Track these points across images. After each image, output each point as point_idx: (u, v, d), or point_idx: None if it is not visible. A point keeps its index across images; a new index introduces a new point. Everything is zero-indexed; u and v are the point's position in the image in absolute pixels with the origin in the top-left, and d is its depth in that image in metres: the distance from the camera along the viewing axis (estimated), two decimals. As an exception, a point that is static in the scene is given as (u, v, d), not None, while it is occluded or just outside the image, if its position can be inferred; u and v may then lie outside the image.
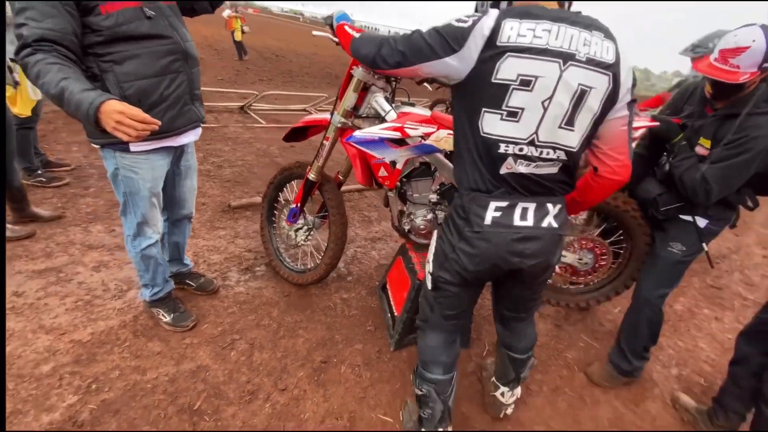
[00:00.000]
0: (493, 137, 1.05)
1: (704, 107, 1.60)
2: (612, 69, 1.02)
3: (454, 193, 1.34)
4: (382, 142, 1.66)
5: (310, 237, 2.20)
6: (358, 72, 1.71)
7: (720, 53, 1.42)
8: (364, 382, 1.76)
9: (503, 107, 1.02)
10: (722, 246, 3.94)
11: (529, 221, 1.11)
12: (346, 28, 1.39)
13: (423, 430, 1.44)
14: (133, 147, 1.49)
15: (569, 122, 1.04)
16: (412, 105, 1.80)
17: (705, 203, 1.52)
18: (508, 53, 0.97)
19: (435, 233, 1.31)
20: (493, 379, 1.67)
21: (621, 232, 2.02)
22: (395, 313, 1.98)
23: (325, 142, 1.90)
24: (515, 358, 1.53)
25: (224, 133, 4.89)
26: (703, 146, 1.55)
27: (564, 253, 1.87)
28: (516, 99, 1.01)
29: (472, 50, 1.00)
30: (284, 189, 2.34)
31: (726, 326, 2.63)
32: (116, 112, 1.13)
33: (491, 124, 1.04)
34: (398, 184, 1.81)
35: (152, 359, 1.72)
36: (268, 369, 1.76)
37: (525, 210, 1.11)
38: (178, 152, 1.72)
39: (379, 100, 1.75)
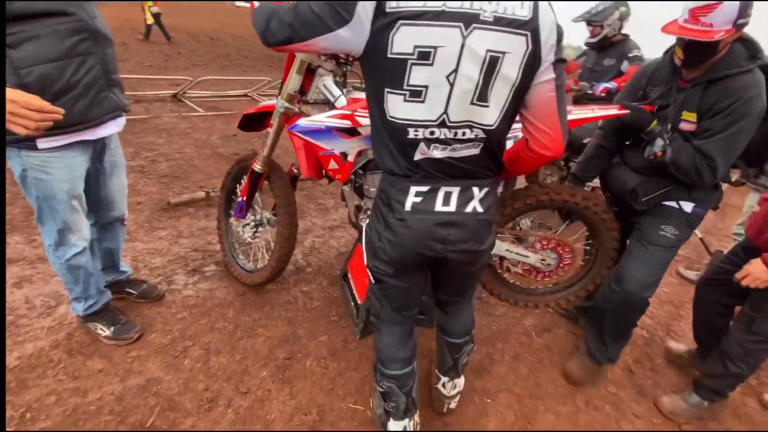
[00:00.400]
0: (399, 121, 0.94)
1: (677, 81, 1.48)
2: (529, 26, 0.87)
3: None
4: (329, 131, 1.54)
5: (258, 234, 2.08)
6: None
7: (690, 13, 1.30)
8: (331, 373, 1.72)
9: (404, 86, 0.89)
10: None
11: (452, 206, 1.03)
12: None
13: (390, 429, 1.40)
14: (40, 143, 1.29)
15: (482, 97, 0.92)
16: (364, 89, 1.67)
17: (711, 181, 1.42)
18: (400, 21, 0.84)
19: (365, 223, 1.23)
20: (435, 369, 1.60)
21: (586, 229, 1.85)
22: (358, 301, 1.94)
23: (269, 129, 1.77)
24: (451, 342, 1.48)
25: (157, 124, 4.49)
26: (688, 121, 1.44)
27: (526, 253, 1.76)
28: (417, 76, 0.88)
29: (363, 19, 0.86)
30: (242, 180, 2.19)
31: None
32: (8, 101, 0.96)
33: (395, 106, 0.93)
34: (352, 177, 1.70)
35: (93, 378, 1.55)
36: (228, 373, 1.66)
37: (448, 194, 1.02)
38: (99, 147, 1.52)
39: (327, 84, 1.62)
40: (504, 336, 2.11)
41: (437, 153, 0.97)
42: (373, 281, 1.23)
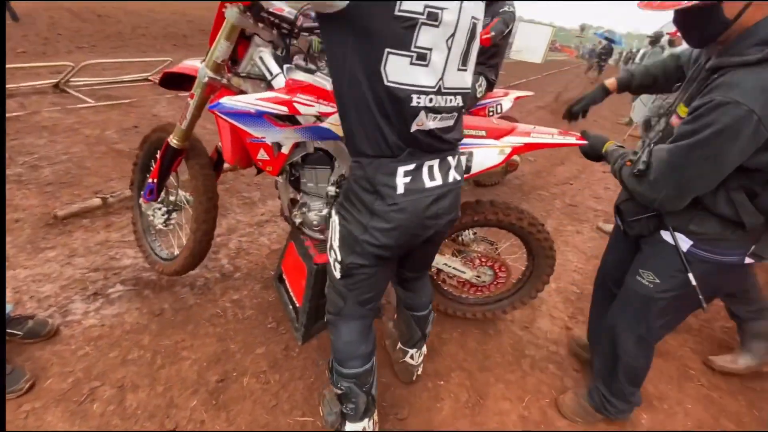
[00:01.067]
0: (403, 87, 0.86)
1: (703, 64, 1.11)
2: None
3: (351, 163, 1.02)
4: (260, 116, 1.29)
5: (171, 220, 1.81)
6: (232, 13, 1.29)
7: None
8: (274, 387, 1.57)
9: (412, 48, 0.83)
10: (573, 168, 4.60)
11: (438, 179, 1.01)
12: None
13: (347, 429, 1.32)
14: None
15: (464, 61, 0.94)
16: (311, 71, 1.38)
17: (644, 198, 1.11)
18: None
19: (334, 217, 1.10)
20: (399, 345, 1.63)
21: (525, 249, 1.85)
22: (297, 304, 1.78)
23: (189, 100, 1.49)
24: (419, 316, 1.51)
25: (36, 121, 3.77)
26: (678, 115, 1.13)
27: (462, 268, 1.77)
28: (424, 37, 0.83)
29: None
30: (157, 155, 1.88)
31: (585, 237, 3.09)
32: None
33: (399, 69, 0.84)
34: (287, 168, 1.49)
35: (-32, 453, 1.24)
36: (150, 410, 1.43)
37: (431, 168, 1.00)
38: None
39: (264, 57, 1.36)
40: (447, 313, 2.08)
41: (431, 123, 0.93)
42: (338, 277, 1.13)
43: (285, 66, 1.39)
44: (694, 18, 0.98)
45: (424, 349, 1.63)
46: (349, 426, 1.32)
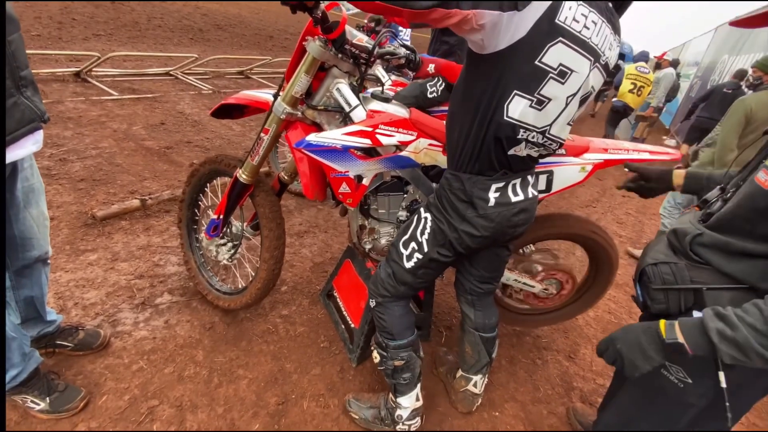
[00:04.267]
0: (515, 122, 1.00)
1: None
2: (609, 75, 1.08)
3: (446, 174, 1.18)
4: (345, 151, 1.30)
5: (235, 255, 1.77)
6: (314, 47, 1.28)
7: None
8: (334, 413, 1.54)
9: (535, 94, 0.96)
10: (592, 191, 4.63)
11: (520, 195, 1.16)
12: None
13: (404, 404, 1.42)
14: None
15: (572, 121, 1.09)
16: (387, 100, 1.40)
17: None
18: (560, 38, 0.89)
19: (425, 214, 1.23)
20: (461, 373, 1.61)
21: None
22: (352, 325, 1.75)
23: (263, 135, 1.45)
24: (487, 338, 1.51)
25: (59, 111, 3.68)
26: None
27: (532, 283, 1.80)
28: (549, 88, 0.96)
29: (528, 17, 0.86)
30: (206, 190, 1.85)
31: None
32: None
33: (518, 109, 0.98)
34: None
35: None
36: (211, 432, 1.39)
37: (515, 185, 1.15)
38: (9, 173, 1.11)
39: (342, 89, 1.36)
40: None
41: (524, 151, 1.08)
42: (409, 266, 1.25)
43: (361, 96, 1.39)
44: None
45: (487, 377, 1.62)
46: (402, 398, 1.42)
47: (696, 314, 0.86)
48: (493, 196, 1.11)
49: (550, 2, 0.87)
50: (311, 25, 1.25)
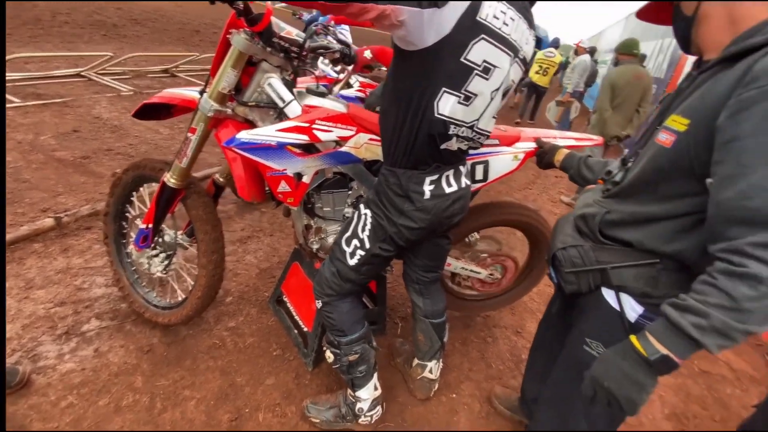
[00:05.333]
0: (445, 118, 1.03)
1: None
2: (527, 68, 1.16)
3: (383, 170, 1.19)
4: (281, 148, 1.24)
5: (171, 265, 1.64)
6: (239, 40, 1.20)
7: None
8: (292, 420, 1.50)
9: (462, 90, 0.99)
10: (528, 174, 4.91)
11: (454, 186, 1.20)
12: None
13: (363, 396, 1.43)
14: None
15: (496, 114, 1.15)
16: (323, 94, 1.35)
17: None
18: (483, 36, 0.93)
19: (365, 210, 1.23)
20: (417, 361, 1.65)
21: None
22: (305, 329, 1.71)
23: (190, 135, 1.34)
24: (437, 323, 1.56)
25: (-56, 123, 3.17)
26: (670, 129, 0.80)
27: (478, 269, 1.88)
28: (475, 84, 0.99)
29: (450, 15, 0.88)
30: (132, 198, 1.70)
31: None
32: None
33: (448, 105, 1.01)
34: (304, 197, 1.43)
35: None
36: (158, 462, 1.30)
37: (448, 177, 1.18)
38: None
39: (274, 84, 1.28)
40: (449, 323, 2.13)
41: (455, 145, 1.12)
42: (353, 263, 1.26)
43: (295, 91, 1.34)
44: (674, 22, 0.90)
45: (441, 361, 1.67)
46: (360, 391, 1.43)
47: (605, 293, 0.94)
48: (428, 188, 1.14)
49: (471, 0, 0.88)
50: (234, 18, 1.18)
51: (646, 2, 0.96)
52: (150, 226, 1.49)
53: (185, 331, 1.77)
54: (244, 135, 1.22)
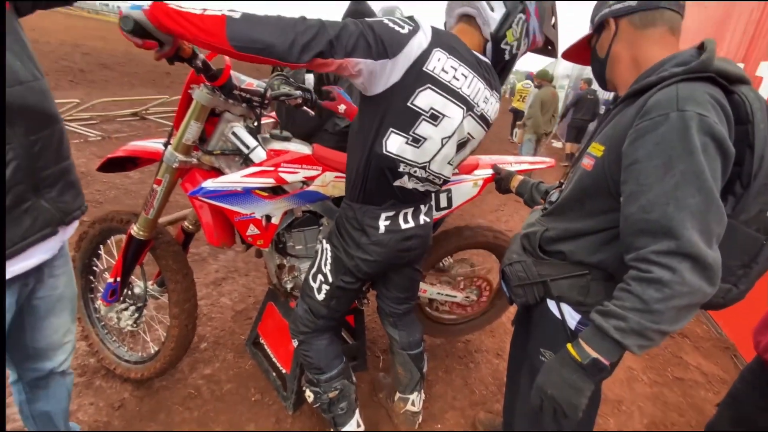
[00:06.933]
0: (394, 156, 1.08)
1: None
2: (490, 126, 1.20)
3: (342, 204, 1.25)
4: (248, 193, 1.27)
5: (141, 318, 1.60)
6: (201, 94, 1.24)
7: None
8: (273, 469, 1.45)
9: (410, 132, 1.06)
10: (499, 196, 5.07)
11: (411, 222, 1.24)
12: (179, 7, 0.88)
13: (347, 429, 1.43)
14: None
15: (451, 161, 1.20)
16: (286, 138, 1.41)
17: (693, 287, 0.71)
18: (429, 85, 1.01)
19: (326, 245, 1.28)
20: (399, 395, 1.64)
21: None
22: (283, 371, 1.68)
23: (156, 186, 1.35)
24: (414, 354, 1.56)
25: None
26: (590, 154, 0.90)
27: (453, 293, 1.92)
28: (422, 128, 1.06)
29: (403, 63, 0.97)
30: (99, 252, 1.67)
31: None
32: None
33: (395, 144, 1.07)
34: (274, 237, 1.45)
35: None
36: None
37: (406, 214, 1.23)
38: (23, 281, 0.95)
39: (238, 132, 1.32)
40: (431, 352, 2.14)
41: (411, 184, 1.17)
42: (321, 298, 1.29)
43: (260, 137, 1.39)
44: (592, 63, 1.03)
45: (423, 393, 1.66)
46: (346, 426, 1.43)
47: (549, 304, 1.00)
48: (383, 224, 1.19)
49: (421, 52, 0.97)
50: (194, 74, 1.23)
51: (570, 45, 1.08)
52: (118, 279, 1.46)
53: (158, 382, 1.70)
54: (210, 184, 1.25)
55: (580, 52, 1.07)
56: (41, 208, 0.90)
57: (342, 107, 1.59)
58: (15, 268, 0.88)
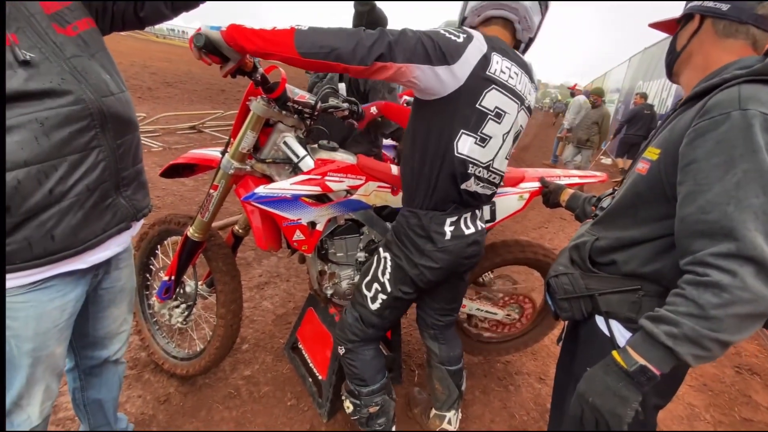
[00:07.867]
0: (464, 157, 1.13)
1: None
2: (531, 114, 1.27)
3: (403, 212, 1.26)
4: (296, 200, 1.33)
5: (190, 316, 1.69)
6: (258, 106, 1.32)
7: None
8: (306, 476, 1.45)
9: (478, 132, 1.11)
10: (544, 212, 4.90)
11: (472, 228, 1.25)
12: (247, 26, 0.99)
13: None
14: None
15: (508, 155, 1.24)
16: (333, 149, 1.47)
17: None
18: (494, 86, 1.08)
19: (384, 254, 1.28)
20: (435, 412, 1.60)
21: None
22: (319, 377, 1.69)
23: (212, 191, 1.44)
24: (454, 371, 1.53)
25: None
26: (646, 158, 0.86)
27: (494, 310, 1.87)
28: (489, 128, 1.12)
29: (464, 68, 1.02)
30: (156, 252, 1.78)
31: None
32: None
33: (466, 145, 1.12)
34: (317, 244, 1.50)
35: None
36: None
37: (466, 219, 1.24)
38: (99, 271, 1.07)
39: (289, 142, 1.39)
40: (468, 370, 2.07)
41: (474, 187, 1.19)
42: (375, 307, 1.29)
43: (308, 147, 1.45)
44: (668, 51, 0.96)
45: (460, 412, 1.61)
46: None
47: (598, 320, 0.94)
48: (448, 229, 1.20)
49: (481, 56, 1.04)
50: (253, 87, 1.31)
51: (663, 19, 1.00)
52: (172, 277, 1.55)
53: (201, 379, 1.77)
54: (262, 190, 1.31)
55: (668, 26, 1.00)
56: (119, 205, 0.99)
57: (373, 109, 1.66)
58: (93, 257, 0.97)
